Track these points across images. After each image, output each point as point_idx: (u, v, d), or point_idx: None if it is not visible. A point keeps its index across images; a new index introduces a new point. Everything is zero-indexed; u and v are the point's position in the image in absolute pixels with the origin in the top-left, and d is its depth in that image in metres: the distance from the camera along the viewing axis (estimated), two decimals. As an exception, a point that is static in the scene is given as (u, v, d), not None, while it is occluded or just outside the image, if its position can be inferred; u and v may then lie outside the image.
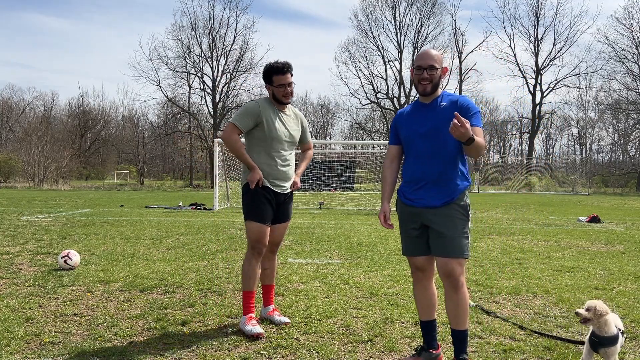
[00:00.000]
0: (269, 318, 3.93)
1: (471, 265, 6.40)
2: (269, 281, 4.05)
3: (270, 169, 3.79)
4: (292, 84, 3.80)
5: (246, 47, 43.66)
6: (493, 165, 56.10)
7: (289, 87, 3.77)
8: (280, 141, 3.79)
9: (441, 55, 3.12)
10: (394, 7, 47.49)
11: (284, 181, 3.87)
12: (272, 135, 3.76)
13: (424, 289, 3.21)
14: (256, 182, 3.73)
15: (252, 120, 3.73)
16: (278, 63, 3.75)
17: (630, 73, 42.48)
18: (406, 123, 3.13)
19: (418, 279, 3.21)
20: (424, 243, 3.09)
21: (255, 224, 3.74)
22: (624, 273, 6.04)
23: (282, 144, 3.82)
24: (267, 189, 3.77)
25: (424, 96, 3.08)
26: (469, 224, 3.04)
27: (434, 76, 3.00)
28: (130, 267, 5.98)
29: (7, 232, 9.04)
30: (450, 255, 2.95)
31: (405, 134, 3.13)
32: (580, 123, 54.28)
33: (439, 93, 3.09)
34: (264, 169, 3.77)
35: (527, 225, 11.67)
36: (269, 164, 3.79)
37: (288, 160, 3.88)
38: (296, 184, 3.99)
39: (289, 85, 3.77)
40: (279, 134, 3.78)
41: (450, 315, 3.05)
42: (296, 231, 9.87)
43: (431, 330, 3.21)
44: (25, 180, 35.46)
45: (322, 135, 64.85)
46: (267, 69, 3.79)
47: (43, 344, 3.39)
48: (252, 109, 3.74)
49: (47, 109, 64.25)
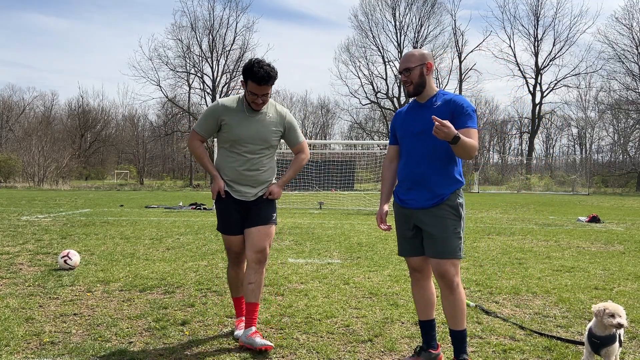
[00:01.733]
0: (249, 342, 3.34)
1: (471, 265, 6.40)
2: (254, 298, 3.51)
3: (234, 173, 3.52)
4: (268, 94, 3.46)
5: (246, 47, 43.78)
6: (493, 165, 56.14)
7: (261, 98, 3.44)
8: (244, 143, 3.48)
9: (424, 51, 3.06)
10: (394, 7, 47.55)
11: (250, 187, 3.53)
12: (234, 137, 3.47)
13: (422, 289, 3.21)
14: (217, 193, 3.56)
15: (213, 122, 3.51)
16: (260, 71, 3.34)
17: (630, 73, 42.51)
18: (402, 122, 3.14)
19: (416, 279, 3.22)
20: (419, 244, 3.08)
21: (223, 235, 3.66)
22: (624, 273, 6.04)
23: (247, 147, 3.48)
24: (229, 196, 3.54)
25: (414, 96, 3.09)
26: (463, 224, 3.01)
27: (412, 77, 3.00)
28: (130, 267, 5.98)
29: (7, 232, 9.03)
30: (442, 257, 2.93)
31: (401, 134, 3.14)
32: (580, 123, 54.30)
33: (434, 92, 3.06)
34: (227, 174, 3.54)
35: (527, 225, 11.67)
36: (232, 168, 3.52)
37: (257, 165, 3.53)
38: (272, 193, 3.60)
39: (263, 96, 3.43)
40: (243, 136, 3.47)
41: (447, 315, 3.05)
42: (296, 231, 9.87)
43: (430, 330, 3.20)
44: (25, 180, 35.46)
45: (322, 135, 64.83)
46: (247, 68, 3.39)
47: (43, 344, 3.39)
48: (212, 111, 3.52)
49: (47, 108, 64.26)
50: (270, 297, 4.71)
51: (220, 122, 3.49)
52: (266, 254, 3.56)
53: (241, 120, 3.49)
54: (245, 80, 3.43)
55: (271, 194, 3.60)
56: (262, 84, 3.37)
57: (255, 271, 3.51)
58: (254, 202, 3.57)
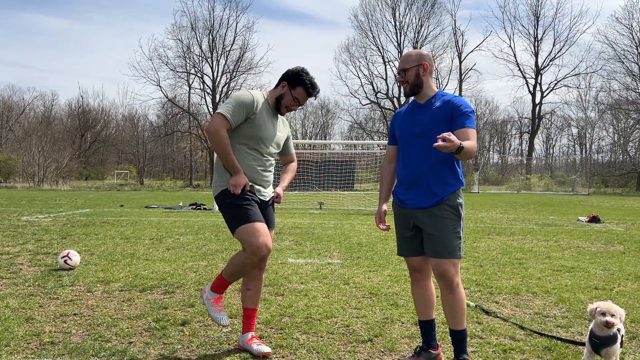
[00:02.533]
0: (247, 347, 3.33)
1: (471, 266, 6.40)
2: (252, 304, 3.46)
3: (253, 172, 3.32)
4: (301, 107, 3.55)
5: (246, 47, 43.78)
6: (493, 165, 56.13)
7: (296, 106, 3.44)
8: (267, 143, 3.36)
9: (422, 52, 3.11)
10: (394, 7, 47.57)
11: (265, 188, 3.43)
12: (262, 135, 3.31)
13: (422, 289, 3.21)
14: (242, 187, 3.23)
15: (244, 114, 3.23)
16: (313, 81, 3.39)
17: (630, 73, 42.52)
18: (401, 123, 3.16)
19: (415, 279, 3.21)
20: (419, 244, 3.09)
21: (250, 226, 3.15)
22: (624, 273, 6.04)
23: (269, 148, 3.38)
24: (252, 193, 3.31)
25: (411, 96, 3.13)
26: (462, 224, 3.02)
27: (408, 77, 3.05)
28: (130, 267, 5.98)
29: (7, 232, 9.04)
30: (442, 256, 2.93)
31: (400, 134, 3.15)
32: (580, 123, 54.30)
33: (433, 93, 3.09)
34: (246, 172, 3.29)
35: (527, 225, 11.67)
36: (251, 166, 3.31)
37: (270, 167, 3.45)
38: (279, 197, 3.52)
39: (298, 105, 3.45)
40: (269, 136, 3.35)
41: (447, 315, 3.04)
42: (296, 231, 9.87)
43: (430, 330, 3.20)
44: (25, 180, 35.46)
45: (322, 136, 64.84)
46: (300, 75, 3.37)
47: (43, 344, 3.39)
48: (248, 101, 3.24)
49: (47, 109, 64.29)
50: (270, 297, 4.71)
51: (251, 115, 3.26)
52: (267, 260, 3.48)
53: (267, 120, 3.35)
54: (294, 86, 3.37)
55: (278, 198, 3.52)
56: (311, 94, 3.43)
57: (255, 277, 3.44)
58: (265, 204, 3.42)
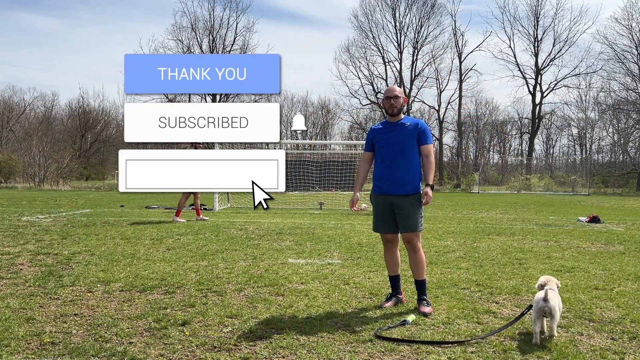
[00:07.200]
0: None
1: (471, 266, 6.40)
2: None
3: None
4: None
5: (246, 47, 43.71)
6: (493, 165, 56.07)
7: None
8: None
9: (400, 90, 4.48)
10: (394, 8, 47.42)
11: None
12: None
13: (392, 254, 4.57)
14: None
15: None
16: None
17: (630, 73, 42.43)
18: (378, 134, 4.45)
19: (388, 247, 4.56)
20: (392, 222, 4.43)
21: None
22: (624, 273, 6.04)
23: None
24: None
25: (391, 116, 4.42)
26: (422, 208, 4.38)
27: (398, 102, 4.41)
28: (131, 268, 5.98)
29: (7, 233, 9.04)
30: (411, 230, 4.35)
31: (382, 143, 4.40)
32: (580, 123, 54.25)
33: (402, 117, 4.44)
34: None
35: (527, 226, 11.66)
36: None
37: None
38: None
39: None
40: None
41: (412, 269, 4.48)
42: (296, 231, 9.87)
43: (397, 282, 4.58)
44: (26, 180, 35.44)
45: (322, 136, 64.82)
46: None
47: (43, 344, 3.39)
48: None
49: (48, 109, 64.17)
50: (271, 297, 4.72)
51: None
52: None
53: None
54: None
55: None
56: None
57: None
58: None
